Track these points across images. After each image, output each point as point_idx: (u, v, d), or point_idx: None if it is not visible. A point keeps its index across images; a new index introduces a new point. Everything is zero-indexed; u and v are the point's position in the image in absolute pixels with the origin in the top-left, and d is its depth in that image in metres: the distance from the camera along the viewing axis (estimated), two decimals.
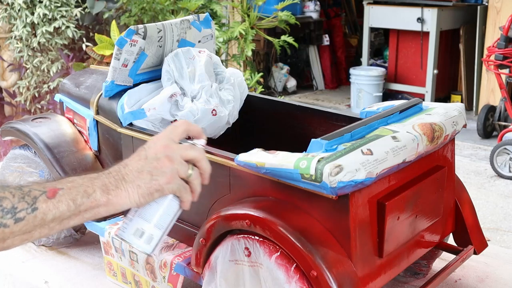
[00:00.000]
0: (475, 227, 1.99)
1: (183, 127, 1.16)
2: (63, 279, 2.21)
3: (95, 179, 1.06)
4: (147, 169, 1.07)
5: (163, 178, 1.07)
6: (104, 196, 1.05)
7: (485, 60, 5.27)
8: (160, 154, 1.08)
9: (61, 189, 1.03)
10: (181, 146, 1.11)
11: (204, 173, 1.15)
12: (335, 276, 1.48)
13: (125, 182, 1.06)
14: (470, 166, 5.15)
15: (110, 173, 1.08)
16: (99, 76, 2.30)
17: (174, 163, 1.08)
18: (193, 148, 1.13)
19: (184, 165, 1.10)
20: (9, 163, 2.37)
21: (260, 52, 7.18)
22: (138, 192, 1.06)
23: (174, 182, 1.09)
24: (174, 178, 1.09)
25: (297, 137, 2.20)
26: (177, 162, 1.09)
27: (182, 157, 1.10)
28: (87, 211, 1.04)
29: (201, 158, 1.13)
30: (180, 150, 1.10)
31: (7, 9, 4.64)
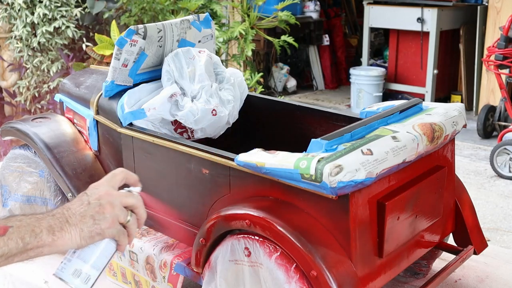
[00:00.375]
0: (475, 227, 1.99)
1: (122, 175, 1.23)
2: None
3: (41, 220, 1.11)
4: (90, 213, 1.13)
5: (104, 223, 1.14)
6: (50, 237, 1.10)
7: (485, 60, 5.27)
8: (103, 200, 1.15)
9: (11, 227, 1.07)
10: (121, 193, 1.18)
11: (141, 219, 1.22)
12: (335, 276, 1.48)
13: (68, 225, 1.12)
14: (470, 166, 5.15)
15: (54, 215, 1.13)
16: (99, 76, 2.30)
17: (115, 209, 1.15)
18: (131, 195, 1.20)
19: (124, 211, 1.17)
20: (9, 163, 2.36)
21: (260, 52, 7.19)
22: (80, 235, 1.13)
23: (114, 227, 1.15)
24: (115, 223, 1.15)
25: (297, 137, 2.20)
26: (117, 209, 1.16)
27: (122, 203, 1.17)
28: (32, 250, 1.09)
29: (139, 205, 1.20)
30: (120, 197, 1.17)
31: (7, 9, 4.64)
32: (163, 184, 1.97)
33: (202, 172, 1.82)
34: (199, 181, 1.84)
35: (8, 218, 1.10)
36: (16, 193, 2.35)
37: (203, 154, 1.79)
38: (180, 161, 1.87)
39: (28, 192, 2.30)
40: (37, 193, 2.29)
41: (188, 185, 1.88)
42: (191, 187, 1.87)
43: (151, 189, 2.02)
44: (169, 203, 1.97)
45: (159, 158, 1.95)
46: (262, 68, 7.28)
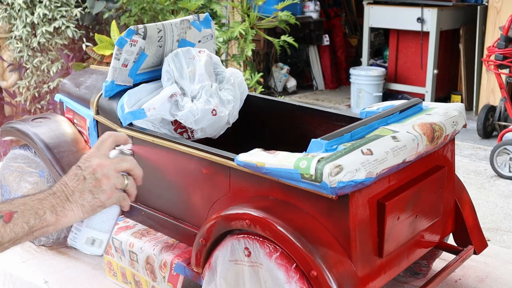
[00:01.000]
0: (475, 227, 1.99)
1: (111, 139, 1.25)
2: (63, 279, 2.21)
3: (43, 201, 1.15)
4: (87, 188, 1.17)
5: (103, 195, 1.18)
6: (53, 217, 1.14)
7: (485, 60, 5.27)
8: (98, 173, 1.18)
9: (16, 213, 1.11)
10: (114, 161, 1.21)
11: (138, 178, 1.26)
12: (335, 276, 1.48)
13: (69, 202, 1.17)
14: (470, 166, 5.15)
15: (55, 194, 1.17)
16: (99, 76, 2.30)
17: (111, 179, 1.19)
18: (124, 159, 1.23)
19: (120, 177, 1.21)
20: (9, 163, 2.37)
21: (260, 52, 7.18)
22: (82, 210, 1.17)
23: (113, 197, 1.20)
24: (113, 192, 1.20)
25: (297, 137, 2.20)
26: (113, 178, 1.19)
27: (116, 170, 1.20)
28: (38, 231, 1.14)
29: (133, 167, 1.24)
30: (113, 165, 1.20)
31: (7, 9, 4.64)
32: (163, 184, 1.97)
33: (202, 172, 1.82)
34: (199, 181, 1.84)
35: (11, 202, 1.13)
36: (16, 193, 2.35)
37: (203, 154, 1.79)
38: (180, 161, 1.87)
39: (28, 192, 2.30)
40: None
41: (188, 185, 1.88)
42: (191, 187, 1.87)
43: (151, 189, 2.02)
44: (169, 203, 1.97)
45: (159, 158, 1.95)
46: (262, 68, 7.28)
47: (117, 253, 2.06)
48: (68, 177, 1.19)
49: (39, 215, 1.12)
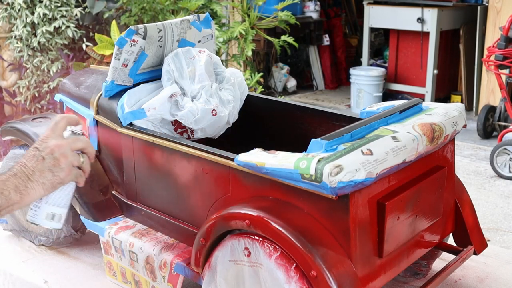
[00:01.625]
0: (475, 228, 1.99)
1: (64, 121, 1.36)
2: (63, 279, 2.21)
3: (6, 182, 1.26)
4: (47, 168, 1.28)
5: (62, 173, 1.30)
6: (17, 196, 1.25)
7: (485, 60, 5.27)
8: (56, 153, 1.29)
9: None
10: (69, 141, 1.33)
11: (91, 156, 1.38)
12: (335, 276, 1.48)
13: (31, 182, 1.27)
14: (470, 166, 5.15)
15: (16, 175, 1.27)
16: (99, 76, 2.30)
17: (68, 158, 1.31)
18: (78, 139, 1.35)
19: (76, 156, 1.33)
20: (9, 163, 2.37)
21: (260, 52, 7.18)
22: (43, 188, 1.29)
23: (71, 173, 1.32)
24: (71, 170, 1.31)
25: (297, 137, 2.20)
26: (70, 156, 1.31)
27: (72, 149, 1.32)
28: (4, 210, 1.25)
29: (87, 145, 1.36)
30: (69, 145, 1.32)
31: (7, 8, 4.64)
32: (163, 184, 1.97)
33: (202, 172, 1.82)
34: (199, 181, 1.84)
35: None
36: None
37: (203, 154, 1.79)
38: (180, 161, 1.87)
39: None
40: None
41: (188, 185, 1.88)
42: (191, 187, 1.87)
43: (151, 189, 2.03)
44: (169, 203, 1.97)
45: (159, 158, 1.95)
46: (262, 68, 7.28)
47: (117, 253, 2.06)
48: (26, 158, 1.29)
49: (4, 195, 1.23)
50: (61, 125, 1.34)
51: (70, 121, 1.37)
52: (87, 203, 2.15)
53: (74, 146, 1.32)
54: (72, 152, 1.31)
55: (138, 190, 2.08)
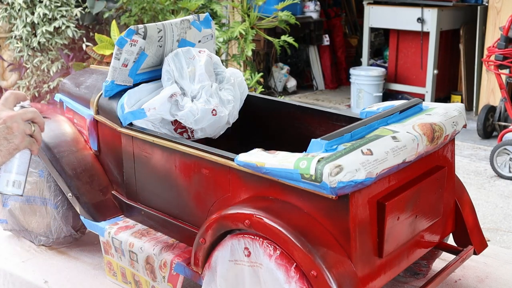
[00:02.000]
0: (475, 228, 1.99)
1: (12, 96, 1.45)
2: (63, 279, 2.21)
3: None
4: (2, 136, 1.38)
5: (16, 140, 1.39)
6: None
7: (485, 60, 5.27)
8: (8, 122, 1.38)
9: None
10: (20, 112, 1.42)
11: (41, 125, 1.46)
12: (335, 276, 1.48)
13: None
14: (470, 166, 5.15)
15: None
16: (99, 76, 2.30)
17: (20, 126, 1.40)
18: (28, 111, 1.43)
19: (28, 125, 1.42)
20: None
21: (260, 52, 7.18)
22: (0, 155, 1.38)
23: (25, 140, 1.41)
24: (24, 137, 1.41)
25: (297, 137, 2.20)
26: (22, 125, 1.40)
27: (23, 119, 1.41)
28: None
29: (36, 115, 1.44)
30: (20, 115, 1.41)
31: (7, 8, 4.64)
32: (163, 184, 1.97)
33: (202, 172, 1.82)
34: (199, 181, 1.84)
35: None
36: None
37: (203, 154, 1.79)
38: (180, 161, 1.87)
39: (28, 192, 2.30)
40: (36, 193, 2.29)
41: (188, 185, 1.88)
42: (191, 187, 1.87)
43: (151, 189, 2.03)
44: (169, 203, 1.97)
45: (159, 158, 1.95)
46: (262, 68, 7.28)
47: (117, 253, 2.06)
48: None
49: None
50: (10, 99, 1.44)
51: (18, 96, 1.46)
52: (87, 203, 2.15)
53: (24, 117, 1.41)
54: (24, 122, 1.40)
55: (138, 190, 2.08)
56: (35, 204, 2.31)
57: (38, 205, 2.30)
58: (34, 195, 2.30)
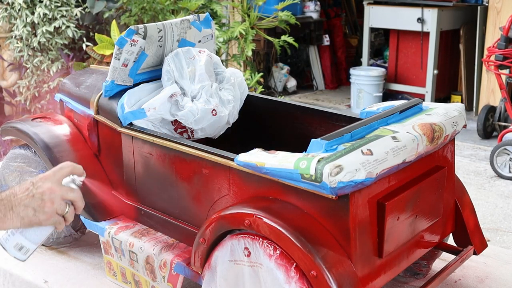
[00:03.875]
0: (475, 228, 1.99)
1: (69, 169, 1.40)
2: (63, 278, 2.21)
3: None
4: (32, 205, 1.31)
5: (43, 216, 1.33)
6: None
7: (485, 60, 5.27)
8: (45, 196, 1.33)
9: None
10: (63, 189, 1.36)
11: (78, 209, 1.41)
12: (335, 276, 1.48)
13: (12, 212, 1.31)
14: (470, 166, 5.15)
15: (2, 200, 1.31)
16: (99, 76, 2.30)
17: (55, 205, 1.34)
18: (72, 191, 1.38)
19: (63, 205, 1.36)
20: (9, 163, 2.37)
21: (260, 52, 7.18)
22: (20, 222, 1.32)
23: (51, 219, 1.35)
24: (53, 216, 1.34)
25: (297, 137, 2.20)
26: (57, 204, 1.34)
27: (62, 198, 1.35)
28: None
29: (78, 199, 1.39)
30: (61, 192, 1.35)
31: (7, 8, 4.64)
32: (163, 184, 1.97)
33: (202, 172, 1.82)
34: (199, 181, 1.84)
35: None
36: None
37: (203, 154, 1.79)
38: (180, 161, 1.87)
39: None
40: None
41: (188, 185, 1.88)
42: (191, 187, 1.87)
43: (151, 189, 2.03)
44: (169, 203, 1.97)
45: (159, 158, 1.95)
46: (262, 68, 7.28)
47: (117, 253, 2.06)
48: (20, 188, 1.33)
49: None
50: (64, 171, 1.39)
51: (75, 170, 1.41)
52: (87, 203, 2.15)
53: (65, 196, 1.36)
54: (61, 201, 1.35)
55: (138, 190, 2.08)
56: None
57: None
58: None
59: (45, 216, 1.32)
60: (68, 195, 1.36)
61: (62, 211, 1.35)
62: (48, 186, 1.33)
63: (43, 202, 1.32)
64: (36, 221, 1.32)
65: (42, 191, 1.32)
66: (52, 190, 1.33)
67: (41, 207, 1.32)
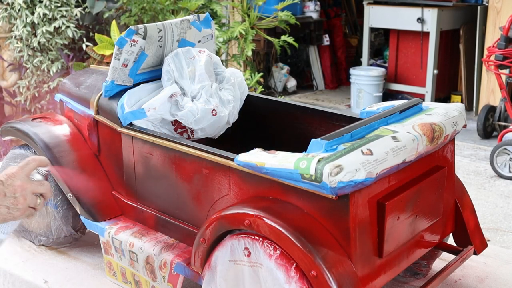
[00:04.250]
0: (475, 228, 1.99)
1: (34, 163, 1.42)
2: (63, 278, 2.21)
3: None
4: (5, 203, 1.34)
5: (17, 212, 1.36)
6: None
7: (485, 60, 5.27)
8: (17, 193, 1.35)
9: None
10: (33, 184, 1.39)
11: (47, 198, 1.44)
12: (335, 276, 1.48)
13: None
14: (470, 166, 5.15)
15: None
16: (99, 76, 2.30)
17: (27, 200, 1.37)
18: (42, 184, 1.41)
19: (34, 198, 1.39)
20: (9, 163, 2.36)
21: (260, 52, 7.18)
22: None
23: (25, 214, 1.38)
24: (26, 210, 1.38)
25: (297, 137, 2.20)
26: (29, 198, 1.37)
27: (33, 192, 1.38)
28: None
29: (47, 191, 1.42)
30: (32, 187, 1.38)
31: (7, 8, 4.63)
32: (163, 184, 1.97)
33: (202, 172, 1.82)
34: (199, 181, 1.84)
35: None
36: None
37: (203, 154, 1.79)
38: (180, 161, 1.87)
39: None
40: None
41: (188, 185, 1.88)
42: (191, 187, 1.87)
43: (151, 189, 2.03)
44: (169, 203, 1.97)
45: (159, 158, 1.95)
46: (262, 68, 7.27)
47: (117, 253, 2.06)
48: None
49: None
50: (31, 165, 1.41)
51: (41, 163, 1.44)
52: (87, 203, 2.15)
53: (35, 190, 1.38)
54: (32, 195, 1.38)
55: (138, 190, 2.07)
56: None
57: None
58: None
59: (19, 212, 1.36)
60: (38, 188, 1.39)
61: (34, 204, 1.39)
62: (18, 184, 1.36)
63: (16, 199, 1.35)
64: (10, 217, 1.36)
65: (14, 189, 1.35)
66: (23, 187, 1.36)
67: (15, 205, 1.35)
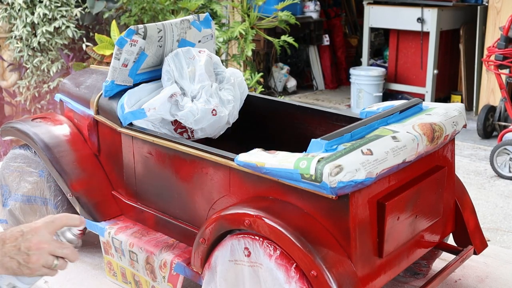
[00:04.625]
0: (475, 228, 1.99)
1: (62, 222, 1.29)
2: (63, 279, 2.21)
3: None
4: (17, 258, 1.23)
5: (27, 270, 1.25)
6: None
7: (485, 60, 5.27)
8: (31, 251, 1.24)
9: None
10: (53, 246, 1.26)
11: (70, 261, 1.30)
12: (335, 276, 1.48)
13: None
14: (470, 166, 5.15)
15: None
16: (99, 76, 2.30)
17: (41, 260, 1.24)
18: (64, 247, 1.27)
19: (50, 259, 1.25)
20: (9, 163, 2.37)
21: (260, 52, 7.18)
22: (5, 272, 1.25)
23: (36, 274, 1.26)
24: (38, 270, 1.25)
25: (297, 137, 2.20)
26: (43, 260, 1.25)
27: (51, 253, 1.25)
28: None
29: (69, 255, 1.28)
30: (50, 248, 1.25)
31: (7, 9, 4.63)
32: (163, 184, 1.97)
33: (202, 172, 1.82)
34: (199, 181, 1.84)
35: None
36: (16, 193, 2.35)
37: (203, 154, 1.79)
38: (180, 161, 1.87)
39: (28, 192, 2.30)
40: (37, 193, 2.29)
41: (188, 185, 1.88)
42: (191, 187, 1.87)
43: (151, 189, 2.03)
44: (169, 203, 1.97)
45: (159, 158, 1.95)
46: (262, 68, 7.27)
47: (117, 253, 2.06)
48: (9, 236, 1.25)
49: None
50: (57, 223, 1.28)
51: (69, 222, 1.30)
52: (87, 203, 2.15)
53: (54, 252, 1.26)
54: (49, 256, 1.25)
55: (138, 190, 2.07)
56: (35, 204, 2.31)
57: (38, 205, 2.30)
58: (35, 195, 2.30)
59: (29, 271, 1.24)
60: (57, 252, 1.26)
61: (49, 266, 1.26)
62: (36, 241, 1.24)
63: (28, 257, 1.23)
64: (20, 273, 1.25)
65: (29, 245, 1.24)
66: (39, 246, 1.24)
67: (26, 262, 1.24)
